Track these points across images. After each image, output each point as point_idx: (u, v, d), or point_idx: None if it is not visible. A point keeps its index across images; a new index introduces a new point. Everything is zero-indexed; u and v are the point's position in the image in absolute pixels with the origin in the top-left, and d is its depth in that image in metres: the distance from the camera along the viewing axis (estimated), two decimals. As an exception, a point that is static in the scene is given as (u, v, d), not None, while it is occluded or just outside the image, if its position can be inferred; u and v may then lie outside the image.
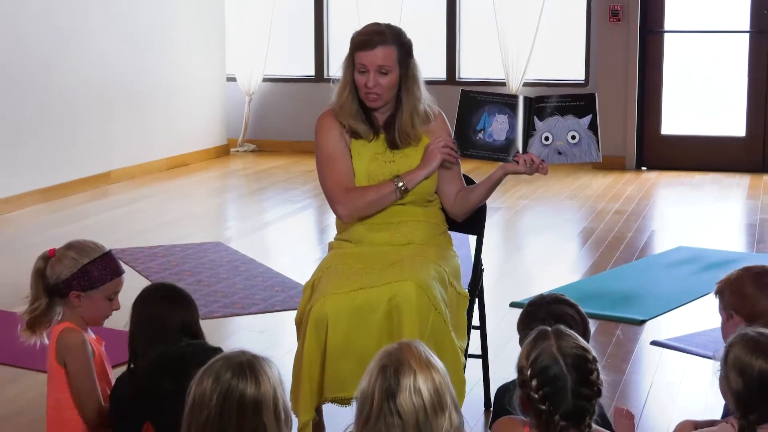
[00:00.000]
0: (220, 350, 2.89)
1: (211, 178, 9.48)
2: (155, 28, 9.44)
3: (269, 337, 5.01)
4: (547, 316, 2.95)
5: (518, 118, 3.70)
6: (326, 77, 10.40)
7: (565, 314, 3.00)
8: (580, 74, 10.02)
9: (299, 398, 3.47)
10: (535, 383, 2.41)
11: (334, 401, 3.55)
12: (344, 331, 3.46)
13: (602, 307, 5.32)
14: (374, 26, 3.75)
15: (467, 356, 3.75)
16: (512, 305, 5.36)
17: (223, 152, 10.52)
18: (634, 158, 9.74)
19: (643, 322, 5.18)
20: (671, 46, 9.78)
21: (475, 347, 4.03)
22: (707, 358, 4.50)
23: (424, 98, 3.78)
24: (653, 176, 9.44)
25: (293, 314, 3.74)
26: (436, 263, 3.63)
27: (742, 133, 9.67)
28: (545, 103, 3.70)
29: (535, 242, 7.13)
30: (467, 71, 10.31)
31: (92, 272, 3.19)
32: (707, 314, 5.02)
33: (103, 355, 3.30)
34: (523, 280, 6.14)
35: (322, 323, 3.46)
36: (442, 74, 10.22)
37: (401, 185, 3.69)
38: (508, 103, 3.72)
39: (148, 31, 9.34)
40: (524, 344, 2.50)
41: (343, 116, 3.76)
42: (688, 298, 5.56)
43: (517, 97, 3.73)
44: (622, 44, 9.62)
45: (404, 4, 10.01)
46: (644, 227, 7.36)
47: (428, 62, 8.55)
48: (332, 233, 4.03)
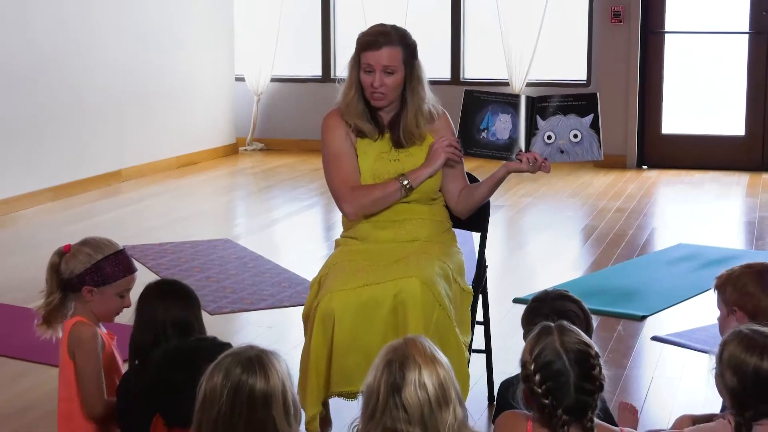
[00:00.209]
0: (230, 345, 2.89)
1: (219, 176, 9.48)
2: (166, 29, 9.44)
3: (277, 332, 5.01)
4: (550, 312, 2.95)
5: (521, 117, 3.70)
6: (333, 77, 10.39)
7: (568, 310, 3.00)
8: (582, 74, 10.00)
9: (306, 392, 3.47)
10: (538, 378, 2.41)
11: (340, 395, 3.55)
12: (350, 326, 3.46)
13: (603, 303, 5.31)
14: (380, 27, 3.75)
15: (471, 351, 3.74)
16: (515, 301, 5.36)
17: (231, 151, 10.52)
18: (635, 157, 9.73)
19: (643, 317, 5.17)
20: (672, 46, 9.76)
21: (478, 342, 4.03)
22: (707, 353, 4.49)
23: (428, 98, 3.78)
24: (654, 175, 9.43)
25: (300, 310, 3.75)
26: (440, 260, 3.63)
27: (741, 132, 9.64)
28: (547, 102, 3.69)
29: (537, 239, 7.13)
30: (471, 71, 10.30)
31: (105, 268, 3.19)
32: (707, 310, 5.01)
33: (114, 349, 3.30)
34: (526, 276, 6.13)
35: (328, 319, 3.46)
36: (446, 74, 10.21)
37: (406, 183, 3.69)
38: (511, 102, 3.72)
39: (158, 32, 9.34)
40: (527, 339, 2.50)
41: (349, 115, 3.76)
42: (688, 294, 5.55)
43: (519, 96, 3.73)
44: (623, 45, 9.61)
45: (409, 5, 10.00)
46: (645, 225, 7.35)
47: (433, 62, 8.55)
48: (338, 230, 4.03)
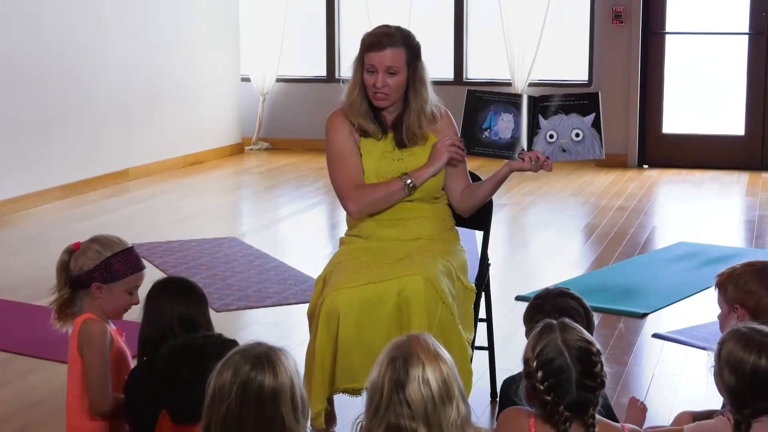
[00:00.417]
0: (235, 342, 2.89)
1: (226, 175, 9.48)
2: (173, 31, 9.44)
3: (282, 329, 5.00)
4: (552, 309, 2.94)
5: (523, 116, 3.69)
6: (337, 78, 10.39)
7: (569, 307, 2.99)
8: (583, 75, 9.99)
9: (311, 389, 3.47)
10: (540, 374, 2.40)
11: (345, 392, 3.55)
12: (355, 323, 3.45)
13: (605, 300, 5.30)
14: (384, 28, 3.74)
15: (474, 348, 3.73)
16: (518, 299, 5.35)
17: (237, 150, 10.52)
18: (636, 156, 9.71)
19: (644, 315, 5.16)
20: (672, 47, 9.75)
21: (481, 339, 4.02)
22: (707, 350, 4.47)
23: (431, 99, 3.77)
24: (655, 174, 9.41)
25: (305, 307, 3.74)
26: (443, 258, 3.62)
27: (741, 132, 9.63)
28: (549, 102, 3.69)
29: (539, 237, 7.12)
30: (474, 72, 10.28)
31: (114, 265, 3.20)
32: (707, 308, 5.01)
33: (123, 345, 3.30)
34: (528, 274, 6.13)
35: (333, 316, 3.45)
36: (449, 74, 10.19)
37: (409, 182, 3.68)
38: (513, 102, 3.71)
39: (166, 34, 9.34)
40: (530, 336, 2.50)
41: (352, 115, 3.75)
42: (688, 292, 5.54)
43: (521, 96, 3.72)
44: (624, 45, 9.59)
45: (413, 6, 9.99)
46: (646, 223, 7.34)
47: (436, 63, 8.57)
48: (343, 229, 4.02)
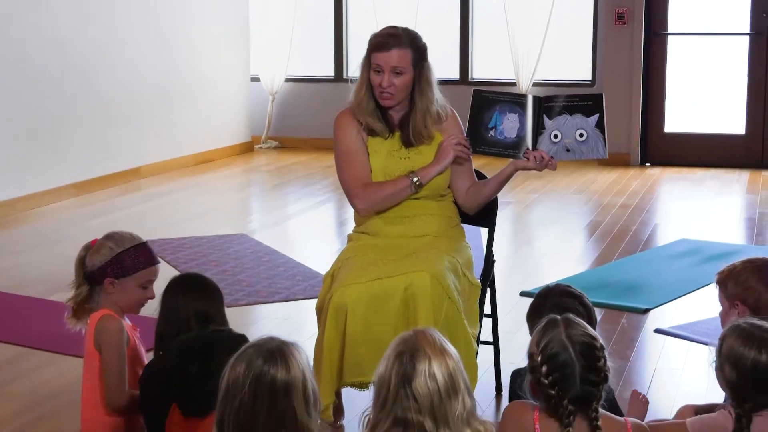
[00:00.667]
0: (244, 337, 2.89)
1: (235, 173, 9.48)
2: (184, 32, 9.44)
3: (291, 324, 5.00)
4: (552, 309, 2.92)
5: (528, 116, 3.69)
6: (345, 78, 10.39)
7: (570, 308, 2.97)
8: (587, 75, 9.97)
9: (320, 382, 3.46)
10: (545, 369, 2.40)
11: (352, 385, 3.55)
12: (362, 318, 3.45)
13: (608, 296, 5.30)
14: (391, 29, 3.74)
15: (479, 343, 3.74)
16: (522, 294, 5.34)
17: (247, 149, 10.52)
18: (638, 155, 9.70)
19: (646, 310, 5.16)
20: (674, 48, 9.73)
21: (486, 334, 4.02)
22: (708, 345, 4.47)
23: (437, 99, 3.76)
24: (657, 172, 9.40)
25: (314, 302, 3.74)
26: (449, 254, 3.62)
27: (741, 131, 9.61)
28: (554, 102, 3.68)
29: (543, 235, 7.11)
30: (479, 72, 10.28)
31: (125, 260, 3.22)
32: (708, 303, 5.00)
33: (138, 341, 3.31)
34: (532, 270, 6.12)
35: (341, 311, 3.46)
36: (455, 74, 10.19)
37: (416, 180, 3.68)
38: (518, 102, 3.70)
39: (177, 35, 9.34)
40: (535, 332, 2.50)
41: (360, 114, 3.75)
42: (689, 288, 5.53)
43: (526, 96, 3.71)
44: (627, 46, 9.58)
45: (419, 8, 9.98)
46: (648, 221, 7.33)
47: (442, 63, 8.55)
48: (351, 226, 4.02)
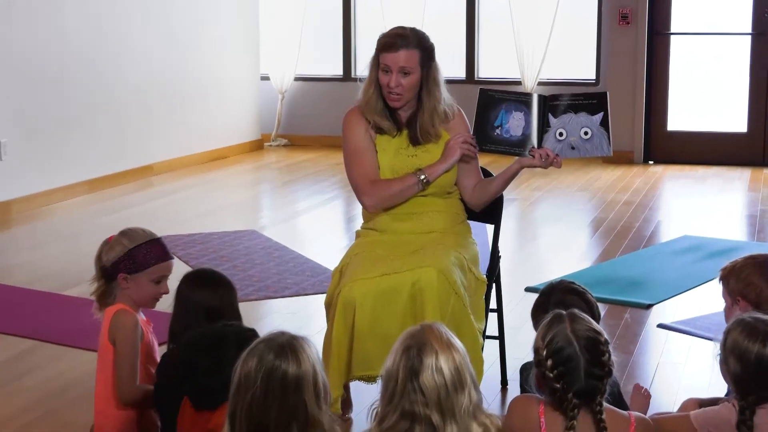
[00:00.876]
0: (254, 331, 2.90)
1: (246, 170, 9.49)
2: (195, 31, 9.45)
3: (300, 318, 5.01)
4: (556, 306, 2.92)
5: (533, 115, 3.69)
6: (353, 77, 10.39)
7: (572, 306, 2.96)
8: (591, 74, 9.96)
9: (328, 376, 3.46)
10: (550, 363, 2.41)
11: (360, 379, 3.55)
12: (370, 313, 3.46)
13: (611, 292, 5.30)
14: (399, 30, 3.74)
15: (485, 337, 3.74)
16: (527, 290, 5.34)
17: (257, 146, 10.53)
18: (641, 153, 9.69)
19: (650, 306, 5.15)
20: (677, 47, 9.71)
21: (492, 329, 4.02)
22: (711, 339, 4.47)
23: (444, 99, 3.76)
24: (660, 170, 9.38)
25: (323, 298, 3.75)
26: (456, 250, 3.62)
27: (743, 129, 9.59)
28: (559, 101, 3.68)
29: (548, 231, 7.11)
30: (485, 71, 10.27)
31: (137, 256, 3.22)
32: (711, 299, 5.00)
33: (151, 336, 3.31)
34: (537, 266, 6.12)
35: (349, 306, 3.46)
36: (461, 73, 10.18)
37: (423, 178, 3.68)
38: (523, 101, 3.70)
39: (188, 33, 9.35)
40: (540, 326, 2.50)
41: (368, 112, 3.75)
42: (692, 283, 5.53)
43: (532, 95, 3.71)
44: (630, 46, 9.56)
45: (426, 8, 9.97)
46: (651, 217, 7.32)
47: (449, 62, 8.53)
48: (359, 222, 4.03)
